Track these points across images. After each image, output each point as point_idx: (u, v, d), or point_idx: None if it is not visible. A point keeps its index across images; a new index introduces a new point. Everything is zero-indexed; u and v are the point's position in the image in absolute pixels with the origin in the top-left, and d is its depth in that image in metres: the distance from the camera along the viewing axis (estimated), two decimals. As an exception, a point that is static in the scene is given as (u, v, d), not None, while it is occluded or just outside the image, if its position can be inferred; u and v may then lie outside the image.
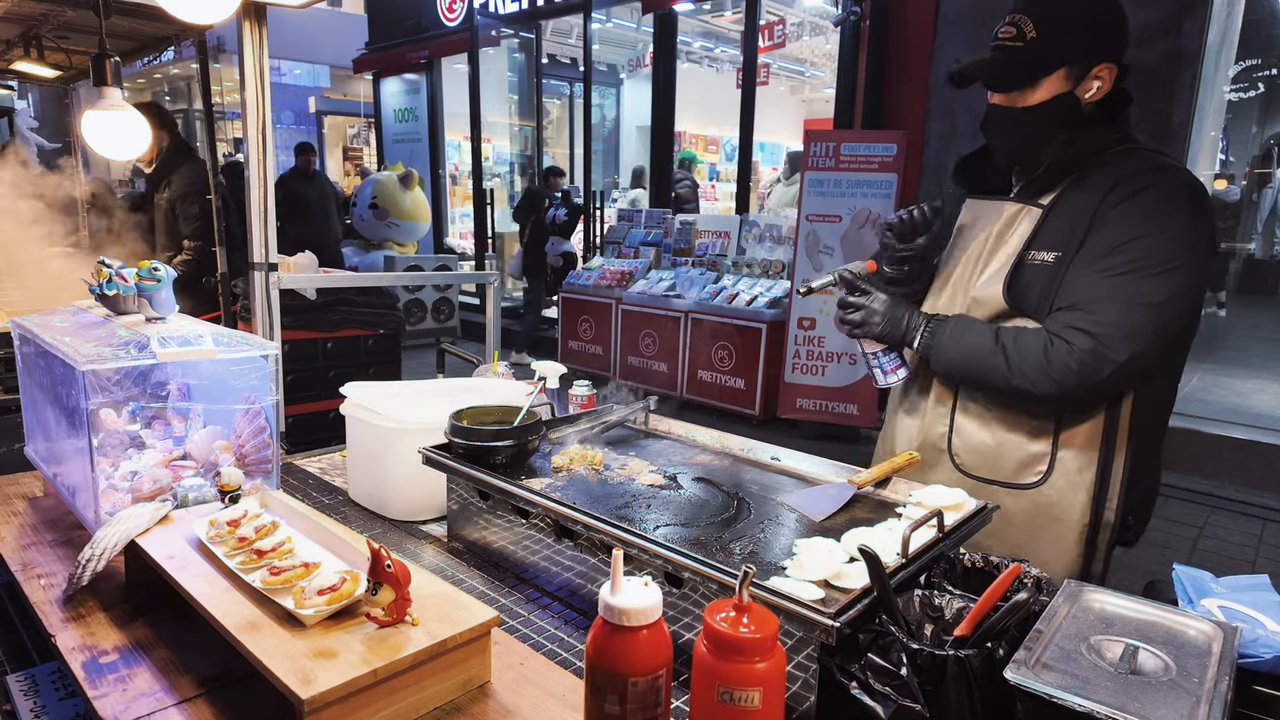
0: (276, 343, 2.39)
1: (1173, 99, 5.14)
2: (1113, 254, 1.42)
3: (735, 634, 0.79)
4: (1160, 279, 1.39)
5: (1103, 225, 1.44)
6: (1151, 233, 1.41)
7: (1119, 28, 1.50)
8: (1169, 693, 0.86)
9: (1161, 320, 1.40)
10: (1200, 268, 1.42)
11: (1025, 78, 1.49)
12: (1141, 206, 1.42)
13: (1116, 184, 1.45)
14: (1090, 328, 1.41)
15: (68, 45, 3.71)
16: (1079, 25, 1.47)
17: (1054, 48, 1.46)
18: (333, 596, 1.04)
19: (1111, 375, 1.41)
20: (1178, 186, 1.44)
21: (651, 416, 1.93)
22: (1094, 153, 1.50)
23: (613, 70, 13.39)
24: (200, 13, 2.05)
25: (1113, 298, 1.41)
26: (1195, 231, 1.43)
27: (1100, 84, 1.49)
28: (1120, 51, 1.50)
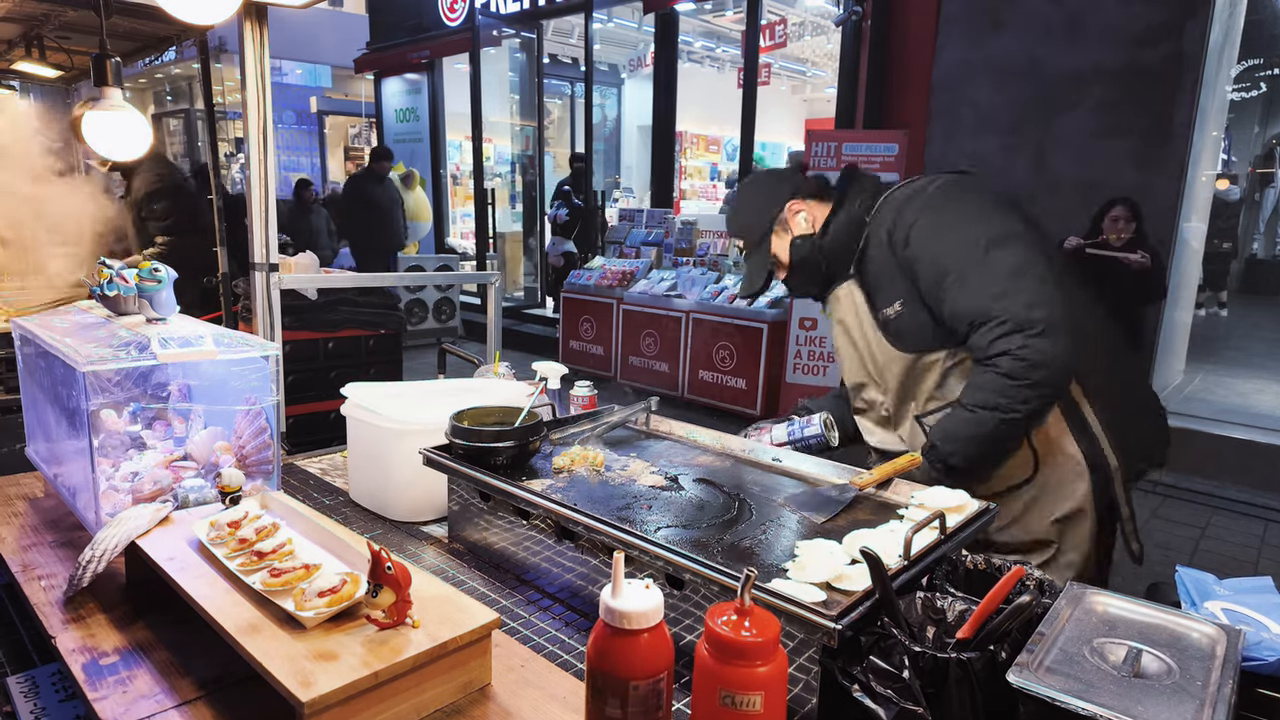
0: (277, 343, 2.39)
1: (1174, 99, 5.14)
2: (944, 275, 1.60)
3: (737, 637, 0.79)
4: (991, 258, 1.57)
5: (915, 264, 1.65)
6: (949, 240, 1.62)
7: (773, 186, 1.86)
8: (1172, 696, 0.86)
9: (1029, 278, 1.55)
10: (1006, 226, 1.61)
11: (764, 269, 1.86)
12: (923, 232, 1.63)
13: (890, 234, 1.68)
14: (1002, 330, 1.54)
15: (69, 45, 3.71)
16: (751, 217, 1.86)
17: (756, 240, 1.85)
18: (333, 598, 1.04)
19: (1053, 341, 1.51)
20: (936, 194, 1.67)
21: (652, 417, 1.93)
22: (850, 235, 1.77)
23: (614, 70, 13.39)
24: (201, 13, 2.05)
25: (982, 299, 1.56)
26: (974, 209, 1.65)
27: (804, 214, 1.82)
28: (790, 188, 1.83)
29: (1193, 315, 9.77)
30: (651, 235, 7.59)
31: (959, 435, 1.60)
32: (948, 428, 1.63)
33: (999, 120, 5.78)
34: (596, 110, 10.45)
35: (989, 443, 1.60)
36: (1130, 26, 5.22)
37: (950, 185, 1.69)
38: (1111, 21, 5.27)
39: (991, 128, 5.83)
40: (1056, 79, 5.47)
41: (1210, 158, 6.21)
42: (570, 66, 11.39)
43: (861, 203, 1.77)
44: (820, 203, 1.82)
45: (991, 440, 1.59)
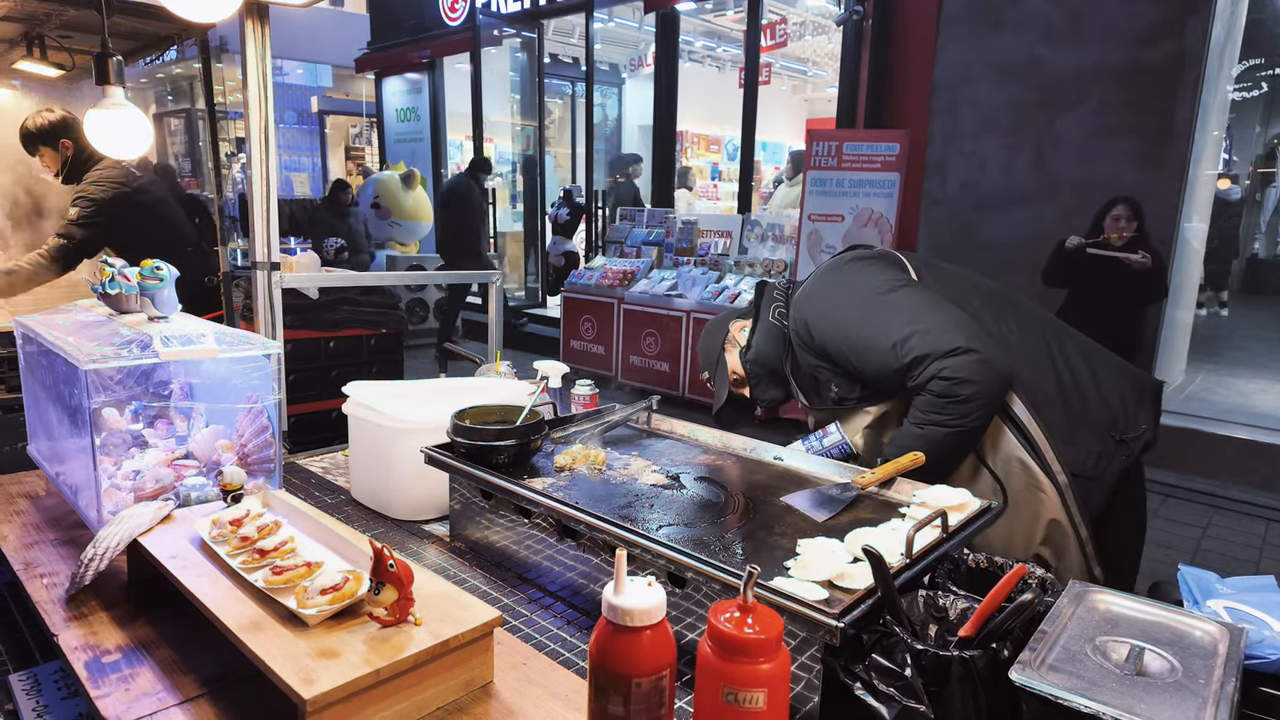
0: (279, 342, 2.39)
1: (1176, 98, 5.13)
2: (853, 348, 1.73)
3: (740, 634, 0.79)
4: (880, 316, 1.68)
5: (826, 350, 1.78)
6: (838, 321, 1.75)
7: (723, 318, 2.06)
8: (1175, 694, 0.86)
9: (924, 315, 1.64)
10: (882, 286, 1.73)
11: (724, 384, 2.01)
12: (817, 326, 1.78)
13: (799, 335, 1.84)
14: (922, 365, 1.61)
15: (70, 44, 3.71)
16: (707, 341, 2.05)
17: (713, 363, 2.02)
18: (335, 596, 1.04)
19: (969, 356, 1.58)
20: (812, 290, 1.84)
21: (654, 416, 1.93)
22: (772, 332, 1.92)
23: (615, 70, 13.39)
24: (202, 11, 2.05)
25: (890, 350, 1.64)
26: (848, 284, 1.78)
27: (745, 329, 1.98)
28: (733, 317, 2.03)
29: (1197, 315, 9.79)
30: (652, 235, 7.59)
31: (913, 450, 1.61)
32: (900, 443, 1.66)
33: (1000, 120, 5.78)
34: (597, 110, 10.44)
35: (944, 451, 1.63)
36: (1131, 26, 5.22)
37: (829, 270, 1.84)
38: (1112, 21, 5.26)
39: (992, 127, 5.82)
40: (1057, 78, 5.47)
41: (1211, 157, 6.21)
42: (571, 66, 11.38)
43: (775, 310, 1.93)
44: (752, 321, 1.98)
45: (945, 449, 1.63)
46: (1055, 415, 1.66)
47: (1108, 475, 1.68)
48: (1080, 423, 1.68)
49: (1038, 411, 1.65)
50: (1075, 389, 1.71)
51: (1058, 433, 1.65)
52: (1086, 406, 1.71)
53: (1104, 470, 1.68)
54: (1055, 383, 1.70)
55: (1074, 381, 1.72)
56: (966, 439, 1.64)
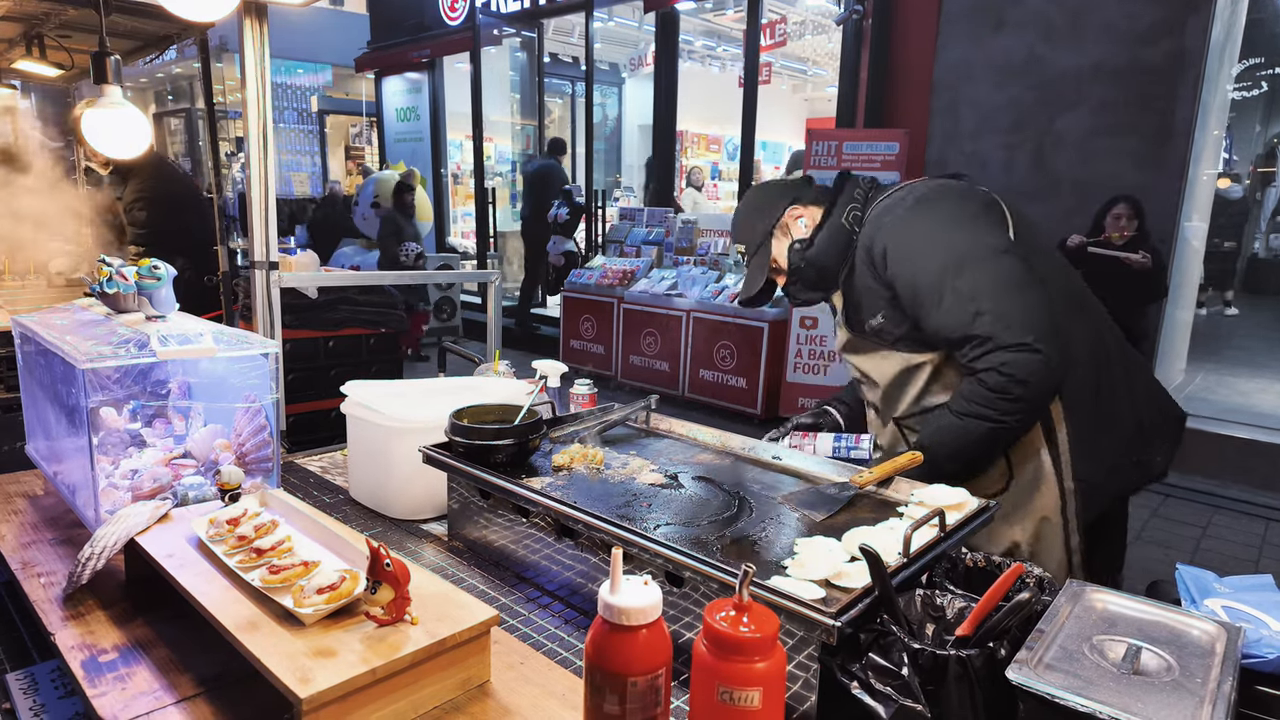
0: (277, 341, 2.39)
1: (1176, 97, 5.13)
2: (920, 296, 1.61)
3: (735, 633, 0.79)
4: (963, 279, 1.56)
5: (895, 281, 1.66)
6: (920, 262, 1.61)
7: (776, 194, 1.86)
8: (1172, 693, 0.86)
9: (1005, 296, 1.54)
10: (977, 240, 1.60)
11: (761, 271, 1.86)
12: (895, 253, 1.64)
13: (870, 255, 1.69)
14: (984, 348, 1.54)
15: (69, 44, 3.71)
16: (754, 220, 1.86)
17: (756, 244, 1.86)
18: (332, 595, 1.04)
19: (1037, 354, 1.51)
20: (906, 214, 1.66)
21: (653, 415, 1.93)
22: (840, 247, 1.76)
23: (615, 69, 13.39)
24: (199, 10, 2.05)
25: (960, 319, 1.56)
26: (949, 224, 1.63)
27: (804, 220, 1.81)
28: (790, 195, 1.83)
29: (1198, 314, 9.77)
30: (652, 234, 7.59)
31: (948, 441, 1.61)
32: (937, 434, 1.63)
33: (1000, 119, 5.78)
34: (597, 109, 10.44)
35: (979, 447, 1.61)
36: (1131, 25, 5.21)
37: (925, 200, 1.66)
38: (1112, 20, 5.26)
39: (992, 127, 5.82)
40: (1057, 78, 5.46)
41: (1212, 157, 6.20)
42: (571, 66, 11.38)
43: (851, 213, 1.75)
44: (820, 209, 1.81)
45: (981, 445, 1.60)
46: (1085, 422, 1.63)
47: (1111, 490, 1.68)
48: (1105, 435, 1.66)
49: (1070, 414, 1.62)
50: (1111, 401, 1.67)
51: (1083, 440, 1.63)
52: (1116, 422, 1.68)
53: (1111, 485, 1.67)
54: (1094, 391, 1.66)
55: (1111, 394, 1.68)
56: (1003, 437, 1.60)
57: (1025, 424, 1.59)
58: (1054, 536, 1.66)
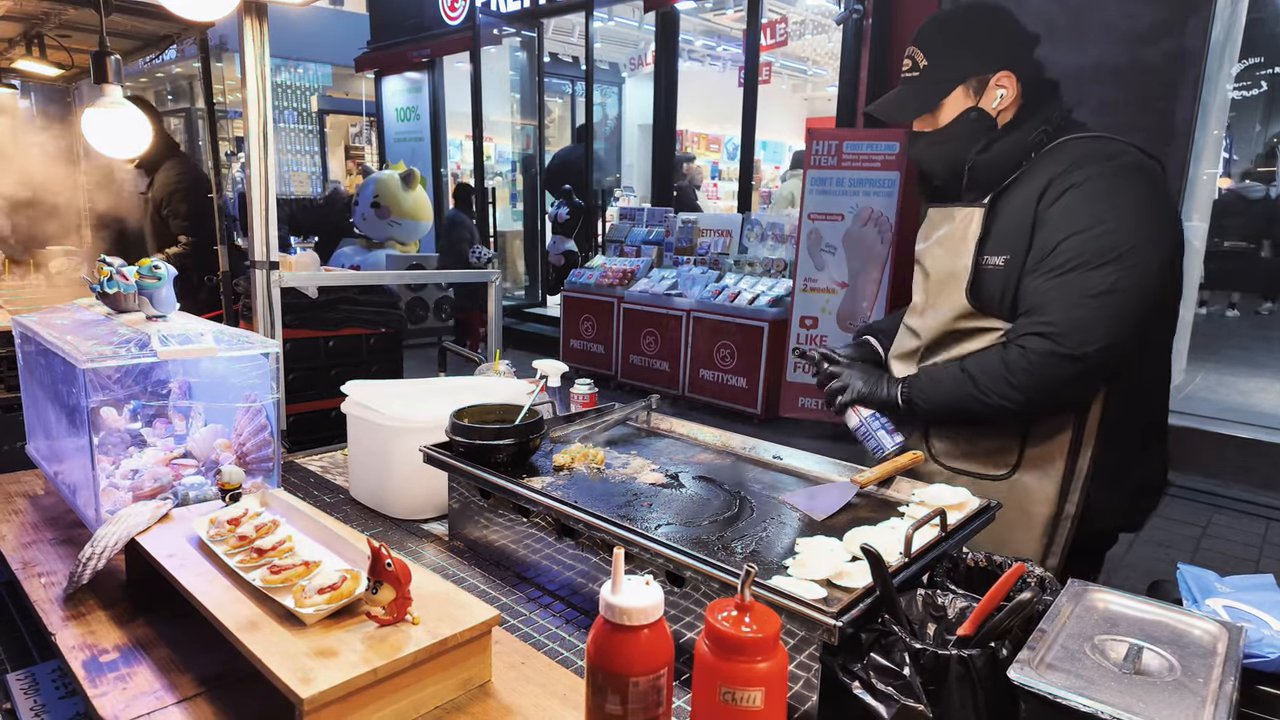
0: (278, 341, 2.39)
1: (1176, 97, 5.13)
2: (1052, 254, 1.45)
3: (737, 633, 0.79)
4: (1100, 271, 1.41)
5: (1042, 226, 1.48)
6: (1086, 227, 1.43)
7: (1009, 37, 1.57)
8: (1174, 693, 0.86)
9: (1111, 310, 1.42)
10: (1147, 251, 1.43)
11: (924, 105, 1.58)
12: (1074, 202, 1.45)
13: (1049, 183, 1.48)
14: (1041, 329, 1.44)
15: (69, 44, 3.71)
16: (963, 46, 1.56)
17: (944, 72, 1.55)
18: (333, 595, 1.04)
19: (1072, 372, 1.43)
20: (1111, 174, 1.46)
21: (653, 415, 1.93)
22: (1018, 152, 1.54)
23: (614, 69, 13.38)
24: (200, 9, 2.05)
25: (1058, 298, 1.44)
26: (1134, 216, 1.44)
27: (1005, 91, 1.55)
28: (1017, 56, 1.56)
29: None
30: (652, 234, 7.59)
31: (939, 385, 1.57)
32: (935, 373, 1.60)
33: (1000, 119, 5.77)
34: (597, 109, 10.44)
35: (957, 409, 1.57)
36: (1131, 25, 5.21)
37: (1134, 170, 1.48)
38: (1112, 20, 5.26)
39: (992, 126, 5.81)
40: (1057, 77, 5.46)
41: (1212, 156, 6.20)
42: (571, 65, 11.38)
43: (1039, 134, 1.54)
44: (1020, 97, 1.57)
45: (960, 408, 1.56)
46: (1116, 459, 1.55)
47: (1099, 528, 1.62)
48: (1125, 477, 1.58)
49: (1107, 435, 1.53)
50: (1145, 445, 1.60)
51: (1107, 474, 1.55)
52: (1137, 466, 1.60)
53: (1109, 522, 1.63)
54: (1139, 422, 1.58)
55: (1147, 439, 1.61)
56: (984, 414, 1.54)
57: (1008, 415, 1.52)
58: (1031, 537, 1.59)
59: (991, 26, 1.58)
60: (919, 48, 1.57)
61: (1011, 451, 1.60)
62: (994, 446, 1.61)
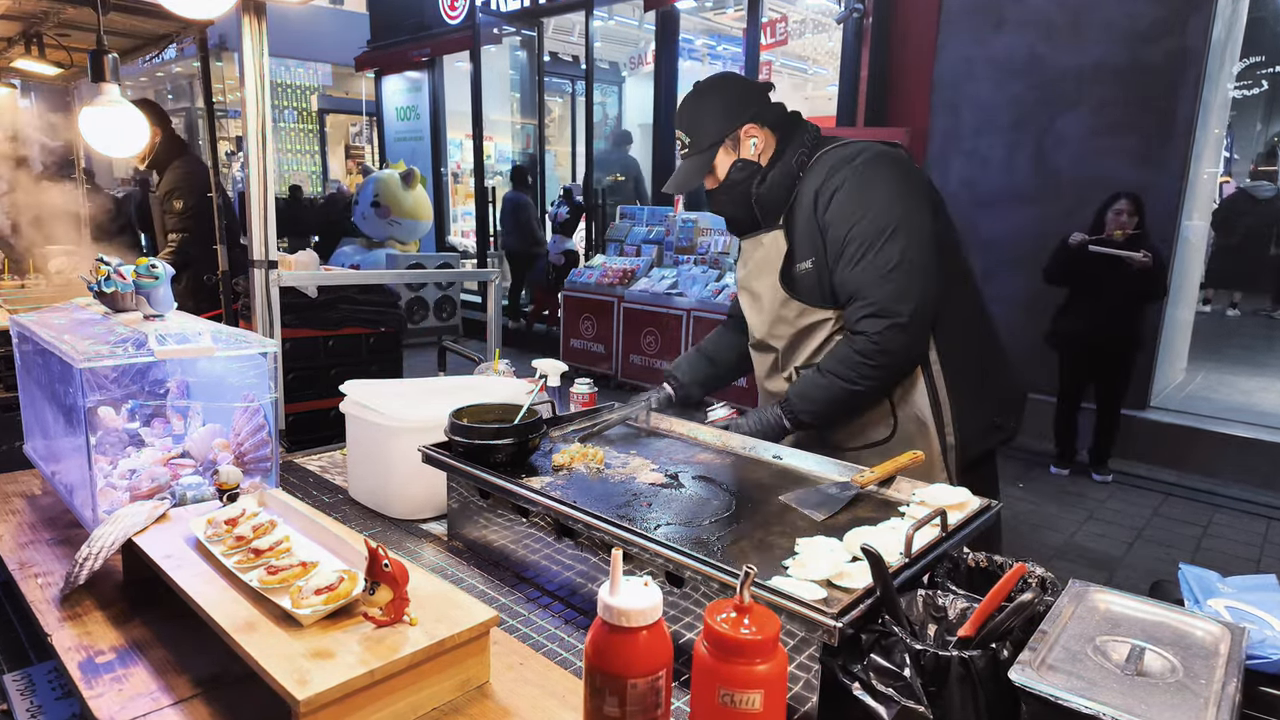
0: (276, 340, 2.38)
1: (1177, 96, 5.13)
2: (844, 248, 1.73)
3: (736, 635, 0.78)
4: (887, 245, 1.69)
5: (826, 229, 1.75)
6: (859, 218, 1.71)
7: (740, 97, 1.84)
8: (1176, 694, 0.85)
9: (910, 273, 1.69)
10: (910, 217, 1.72)
11: (701, 172, 1.86)
12: (841, 202, 1.73)
13: (817, 194, 1.76)
14: (868, 310, 1.70)
15: (68, 43, 3.70)
16: (706, 118, 1.84)
17: (704, 142, 1.83)
18: (330, 596, 1.03)
19: (907, 333, 1.69)
20: (861, 168, 1.74)
21: (653, 415, 1.92)
22: (786, 181, 1.82)
23: (615, 68, 13.37)
24: (198, 8, 2.04)
25: (867, 280, 1.70)
26: (889, 194, 1.73)
27: (756, 140, 1.83)
28: (754, 109, 1.83)
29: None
30: (652, 233, 7.58)
31: (811, 395, 1.78)
32: (802, 387, 1.80)
33: (1000, 118, 5.77)
34: (597, 108, 10.44)
35: (835, 405, 1.78)
36: (1132, 24, 5.21)
37: (877, 160, 1.76)
38: (1113, 19, 5.25)
39: (993, 125, 5.82)
40: (1058, 77, 5.46)
41: (1212, 155, 6.19)
42: (571, 64, 11.37)
43: (799, 157, 1.82)
44: (772, 136, 1.85)
45: (838, 404, 1.78)
46: (963, 386, 1.80)
47: (983, 446, 1.87)
48: (979, 399, 1.84)
49: (950, 378, 1.78)
50: (981, 370, 1.87)
51: (961, 401, 1.79)
52: (986, 388, 1.87)
53: (983, 442, 1.86)
54: (973, 359, 1.85)
55: (981, 364, 1.88)
56: (858, 400, 1.77)
57: (876, 390, 1.77)
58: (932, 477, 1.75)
59: (723, 95, 1.85)
60: (681, 130, 1.87)
61: (888, 415, 1.83)
62: (874, 418, 1.84)
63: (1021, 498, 4.80)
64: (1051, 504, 4.73)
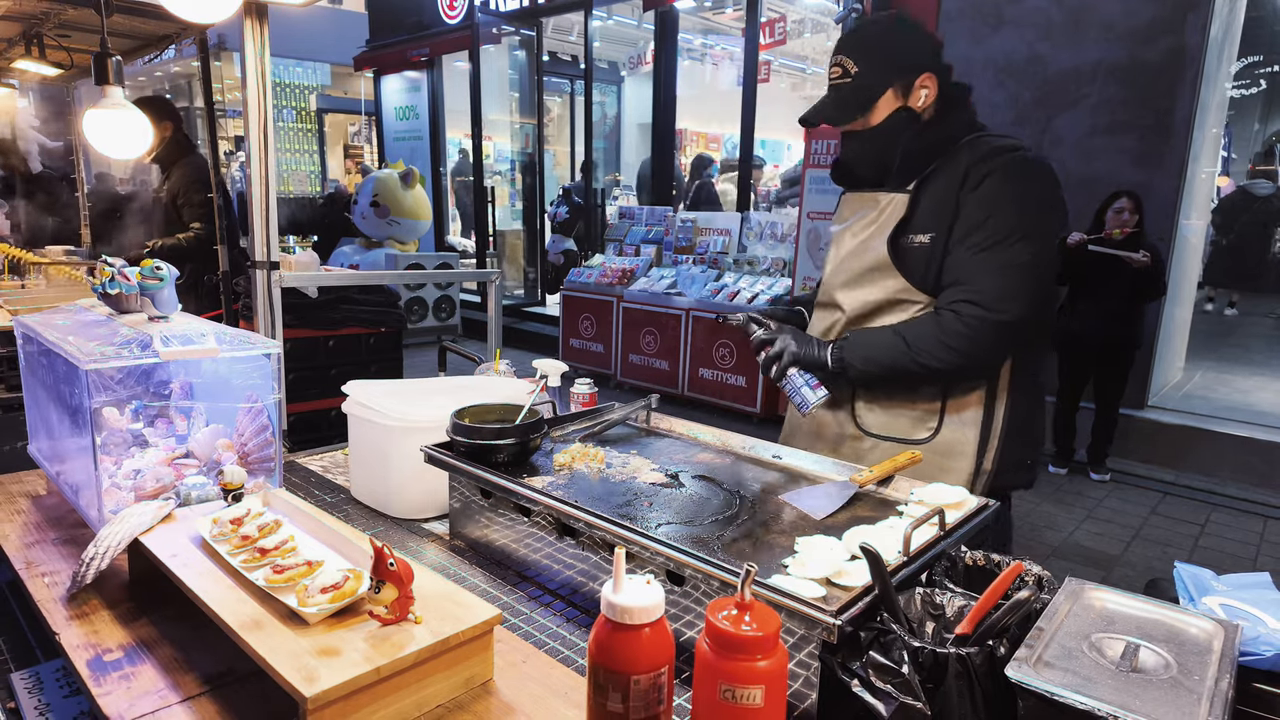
0: (278, 341, 2.39)
1: (1175, 95, 5.14)
2: (976, 231, 1.63)
3: (737, 632, 0.80)
4: (1021, 245, 1.61)
5: (964, 208, 1.65)
6: (1003, 208, 1.62)
7: (925, 44, 1.73)
8: (1170, 690, 0.86)
9: (1031, 278, 1.62)
10: (1048, 231, 1.67)
11: (859, 108, 1.72)
12: (992, 187, 1.63)
13: (968, 172, 1.65)
14: (973, 296, 1.61)
15: (69, 43, 3.71)
16: (890, 52, 1.71)
17: (874, 77, 1.70)
18: (336, 595, 1.04)
19: (1000, 334, 1.61)
20: (1020, 165, 1.66)
21: (653, 415, 1.93)
22: (941, 144, 1.70)
23: (614, 68, 13.38)
24: (202, 11, 2.05)
25: (987, 268, 1.61)
26: (1040, 201, 1.66)
27: (927, 91, 1.71)
28: (935, 62, 1.71)
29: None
30: (651, 233, 7.59)
31: (871, 346, 1.70)
32: (865, 336, 1.72)
33: (999, 117, 5.77)
34: (596, 108, 10.45)
35: (889, 369, 1.69)
36: (1130, 23, 5.22)
37: (1038, 162, 1.69)
38: (1111, 18, 5.26)
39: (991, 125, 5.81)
40: (1057, 76, 5.47)
41: (1210, 154, 6.21)
42: (570, 64, 11.38)
43: (959, 127, 1.71)
44: (938, 96, 1.72)
45: (893, 369, 1.68)
46: (1021, 409, 1.72)
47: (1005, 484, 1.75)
48: (1028, 435, 1.76)
49: (1015, 395, 1.70)
50: (1037, 401, 1.79)
51: (1014, 431, 1.71)
52: (1036, 419, 1.79)
53: (1017, 479, 1.77)
54: (1037, 385, 1.78)
55: (1039, 399, 1.81)
56: (914, 379, 1.69)
57: (938, 378, 1.68)
58: None
59: (910, 34, 1.74)
60: (849, 56, 1.71)
61: (933, 415, 1.74)
62: (918, 413, 1.75)
63: (1019, 496, 4.81)
64: (1049, 503, 4.75)
